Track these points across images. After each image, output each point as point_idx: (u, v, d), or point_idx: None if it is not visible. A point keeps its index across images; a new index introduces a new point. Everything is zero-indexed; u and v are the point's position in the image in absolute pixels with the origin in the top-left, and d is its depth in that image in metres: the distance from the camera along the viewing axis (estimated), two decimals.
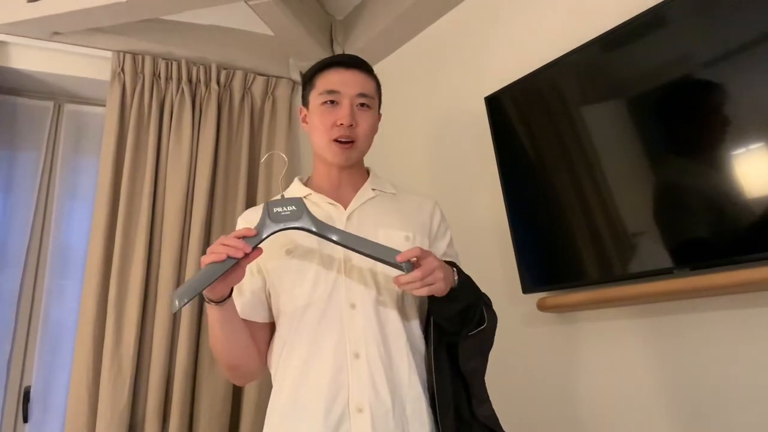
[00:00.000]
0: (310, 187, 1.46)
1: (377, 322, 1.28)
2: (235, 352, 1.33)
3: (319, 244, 1.33)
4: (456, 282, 1.25)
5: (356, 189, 1.46)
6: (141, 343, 2.23)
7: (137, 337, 2.19)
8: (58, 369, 2.31)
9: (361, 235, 1.28)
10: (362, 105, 1.40)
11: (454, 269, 1.28)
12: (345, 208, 1.40)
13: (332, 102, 1.38)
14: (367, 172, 1.53)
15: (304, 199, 1.39)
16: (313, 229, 1.23)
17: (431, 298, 1.25)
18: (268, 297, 1.40)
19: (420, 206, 1.50)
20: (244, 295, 1.39)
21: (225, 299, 1.22)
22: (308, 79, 1.46)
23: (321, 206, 1.40)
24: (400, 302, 1.33)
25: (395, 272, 1.20)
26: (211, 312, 1.25)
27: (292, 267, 1.33)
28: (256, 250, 1.18)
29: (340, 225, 1.35)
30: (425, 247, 1.35)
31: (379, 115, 1.49)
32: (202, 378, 2.27)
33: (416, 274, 1.15)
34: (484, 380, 1.34)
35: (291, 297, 1.33)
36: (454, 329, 1.29)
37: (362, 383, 1.22)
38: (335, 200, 1.41)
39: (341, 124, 1.36)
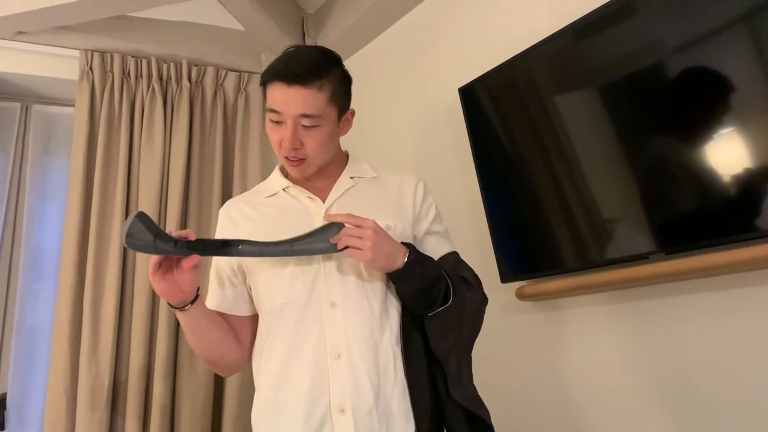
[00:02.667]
0: (289, 179, 1.42)
1: (359, 320, 1.26)
2: (210, 349, 1.34)
3: None
4: (403, 263, 1.23)
5: (334, 178, 1.42)
6: (119, 345, 2.20)
7: (114, 340, 2.17)
8: (35, 374, 2.28)
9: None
10: (305, 126, 1.28)
11: (407, 249, 1.25)
12: (324, 201, 1.37)
13: (277, 122, 1.29)
14: (346, 155, 1.48)
15: (283, 191, 1.40)
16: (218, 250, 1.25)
17: (392, 281, 1.27)
18: (249, 291, 1.38)
19: (401, 186, 1.44)
20: (225, 289, 1.38)
21: (186, 305, 1.23)
22: (262, 85, 1.35)
23: (300, 200, 1.38)
24: (383, 296, 1.30)
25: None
26: (178, 316, 1.27)
27: (269, 264, 1.31)
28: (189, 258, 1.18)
29: (319, 220, 1.32)
30: (408, 233, 1.36)
31: (349, 111, 1.41)
32: (182, 379, 2.25)
33: (339, 234, 1.20)
34: (464, 361, 1.30)
35: (269, 295, 1.31)
36: (420, 311, 1.28)
37: (343, 384, 1.21)
38: (314, 193, 1.38)
39: (284, 146, 1.29)
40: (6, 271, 2.34)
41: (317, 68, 1.28)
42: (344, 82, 1.37)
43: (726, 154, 1.44)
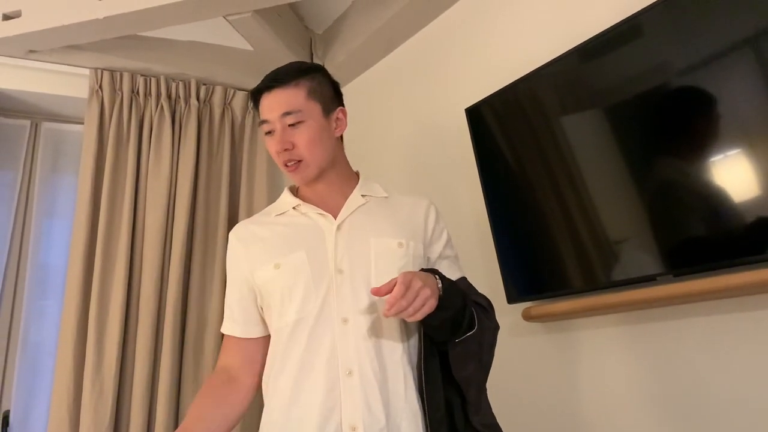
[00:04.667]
0: (299, 197, 1.44)
1: (371, 336, 1.25)
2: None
3: (309, 258, 1.31)
4: (440, 290, 1.21)
5: (345, 196, 1.42)
6: (123, 363, 2.19)
7: (119, 357, 2.16)
8: (38, 391, 2.27)
9: (353, 245, 1.31)
10: (291, 124, 1.34)
11: (436, 276, 1.25)
12: (335, 218, 1.37)
13: (269, 132, 1.37)
14: (357, 175, 1.50)
15: (293, 210, 1.41)
16: None
17: None
18: (261, 311, 1.39)
19: (413, 209, 1.46)
20: (235, 317, 1.41)
21: None
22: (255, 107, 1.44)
23: (311, 217, 1.38)
24: None
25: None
26: None
27: (282, 282, 1.30)
28: None
29: (330, 237, 1.33)
30: (419, 252, 1.37)
31: (338, 110, 1.46)
32: (185, 397, 2.24)
33: (402, 303, 1.11)
34: (483, 389, 1.30)
35: (281, 313, 1.30)
36: (443, 337, 1.26)
37: (355, 401, 1.20)
38: (325, 210, 1.38)
39: (278, 151, 1.36)
40: (12, 287, 2.34)
41: (293, 71, 1.39)
42: (325, 81, 1.44)
43: (735, 175, 1.43)
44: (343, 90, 1.56)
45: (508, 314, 1.98)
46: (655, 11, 1.60)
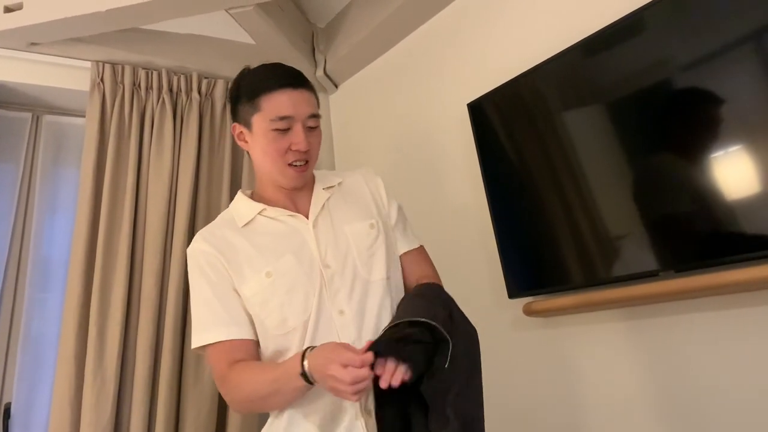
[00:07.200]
0: (260, 202, 1.42)
1: (368, 322, 1.29)
2: (282, 406, 1.29)
3: (297, 260, 1.31)
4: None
5: (308, 193, 1.44)
6: (124, 356, 2.19)
7: (120, 350, 2.16)
8: (40, 384, 2.27)
9: (331, 238, 1.33)
10: (311, 127, 1.36)
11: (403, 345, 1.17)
12: (306, 217, 1.38)
13: (285, 128, 1.33)
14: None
15: (260, 215, 1.38)
16: None
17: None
18: (249, 316, 1.34)
19: (365, 185, 1.51)
20: (227, 320, 1.32)
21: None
22: (248, 99, 1.37)
23: (282, 220, 1.38)
24: (387, 287, 1.34)
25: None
26: (302, 385, 1.17)
27: (278, 289, 1.30)
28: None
29: (310, 235, 1.35)
30: (387, 225, 1.44)
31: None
32: (187, 391, 2.24)
33: (386, 376, 1.12)
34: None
35: (280, 320, 1.30)
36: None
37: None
38: (293, 210, 1.39)
39: (296, 150, 1.33)
40: (13, 280, 2.34)
41: (304, 75, 1.41)
42: None
43: (737, 171, 1.43)
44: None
45: (509, 309, 1.99)
46: (658, 7, 1.60)
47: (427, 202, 2.37)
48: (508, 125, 2.02)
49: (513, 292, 1.92)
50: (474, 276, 2.14)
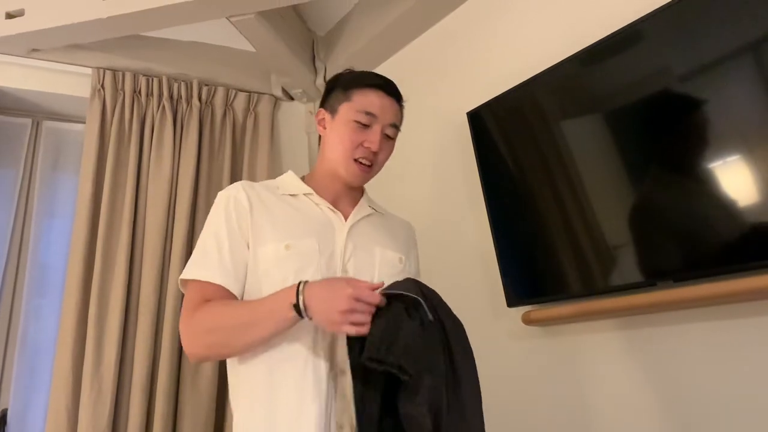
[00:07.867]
0: (310, 186, 1.43)
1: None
2: (241, 348, 1.24)
3: (319, 248, 1.30)
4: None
5: (353, 203, 1.46)
6: (122, 362, 2.19)
7: (118, 357, 2.16)
8: (37, 390, 2.27)
9: (359, 250, 1.33)
10: (388, 136, 1.42)
11: None
12: (345, 219, 1.39)
13: (365, 124, 1.38)
14: (362, 189, 1.54)
15: (304, 195, 1.40)
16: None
17: None
18: (245, 277, 1.31)
19: (404, 230, 1.56)
20: (224, 263, 1.28)
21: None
22: (343, 89, 1.42)
23: (322, 209, 1.39)
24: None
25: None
26: (289, 317, 1.15)
27: (291, 264, 1.27)
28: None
29: (341, 235, 1.35)
30: (412, 270, 1.46)
31: None
32: (184, 397, 2.24)
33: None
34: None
35: None
36: None
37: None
38: (336, 209, 1.40)
39: (368, 147, 1.37)
40: (11, 285, 2.34)
41: (401, 92, 1.48)
42: None
43: (735, 181, 1.44)
44: None
45: (507, 317, 1.98)
46: (656, 18, 1.61)
47: (425, 211, 2.38)
48: (508, 134, 2.03)
49: (512, 300, 1.92)
50: (473, 284, 2.14)
